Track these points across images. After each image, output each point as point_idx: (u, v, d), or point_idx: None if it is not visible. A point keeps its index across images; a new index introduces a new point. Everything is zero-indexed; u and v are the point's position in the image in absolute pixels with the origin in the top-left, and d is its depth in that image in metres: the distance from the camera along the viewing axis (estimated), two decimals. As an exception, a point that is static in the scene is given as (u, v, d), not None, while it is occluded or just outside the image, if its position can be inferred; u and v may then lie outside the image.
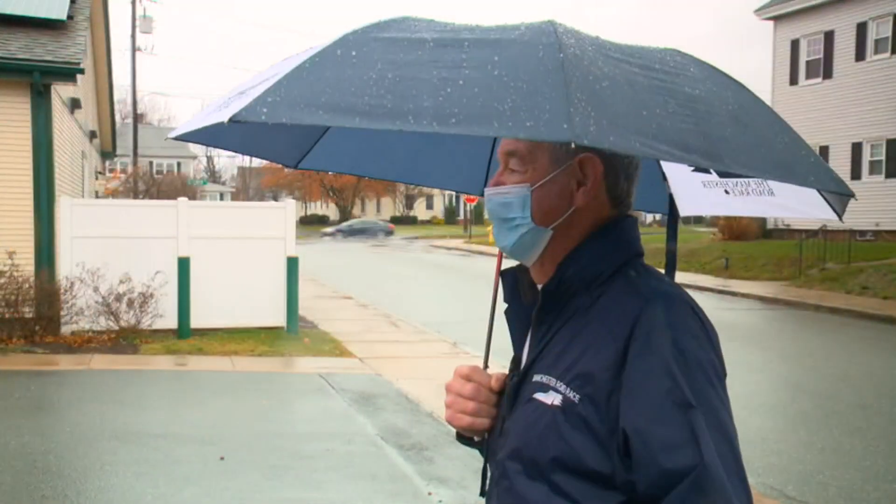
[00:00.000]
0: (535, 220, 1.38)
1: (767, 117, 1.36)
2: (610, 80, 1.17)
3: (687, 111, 1.20)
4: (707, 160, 1.16)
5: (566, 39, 1.20)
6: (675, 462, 1.17)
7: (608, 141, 1.07)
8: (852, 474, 6.23)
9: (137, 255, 11.11)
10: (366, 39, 1.22)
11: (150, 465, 5.96)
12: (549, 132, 1.05)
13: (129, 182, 28.29)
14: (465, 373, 1.51)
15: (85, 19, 12.84)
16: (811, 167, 1.29)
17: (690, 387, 1.20)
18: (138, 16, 34.50)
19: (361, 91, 1.10)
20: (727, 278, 21.23)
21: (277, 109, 1.09)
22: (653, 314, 1.26)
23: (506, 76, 1.12)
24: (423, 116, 1.07)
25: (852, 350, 11.82)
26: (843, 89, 24.84)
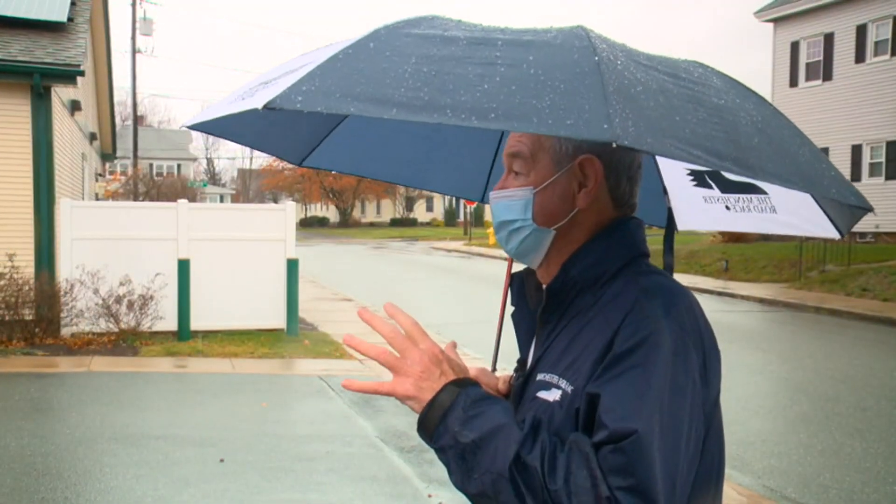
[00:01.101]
0: (538, 222, 1.39)
1: (790, 130, 1.37)
2: (643, 86, 1.17)
3: (716, 119, 1.21)
4: (738, 168, 1.16)
5: (598, 44, 1.21)
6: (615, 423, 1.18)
7: (646, 143, 1.07)
8: (853, 476, 6.22)
9: (137, 256, 11.11)
10: (398, 34, 1.22)
11: (149, 467, 5.95)
12: (589, 131, 1.05)
13: (129, 184, 28.29)
14: (473, 375, 1.52)
15: (85, 21, 12.85)
16: (832, 180, 1.30)
17: (659, 369, 1.22)
18: (138, 18, 34.53)
19: (397, 83, 1.10)
20: (727, 280, 21.23)
21: (313, 98, 1.09)
22: (645, 303, 1.28)
23: (542, 75, 1.12)
24: (462, 110, 1.07)
25: (852, 352, 11.82)
26: (843, 91, 24.87)
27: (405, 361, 1.30)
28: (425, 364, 1.29)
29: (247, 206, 14.94)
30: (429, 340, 1.31)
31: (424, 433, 1.30)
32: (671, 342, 1.24)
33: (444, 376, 1.29)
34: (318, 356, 10.55)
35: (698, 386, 1.26)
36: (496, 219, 1.44)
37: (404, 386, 1.29)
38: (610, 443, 1.17)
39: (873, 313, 15.28)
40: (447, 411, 1.26)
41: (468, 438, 1.24)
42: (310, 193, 66.17)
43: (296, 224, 13.49)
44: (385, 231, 58.83)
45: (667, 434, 1.19)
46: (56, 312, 10.68)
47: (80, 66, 11.11)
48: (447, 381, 1.29)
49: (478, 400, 1.27)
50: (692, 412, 1.24)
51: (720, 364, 1.35)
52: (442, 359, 1.31)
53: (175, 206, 11.81)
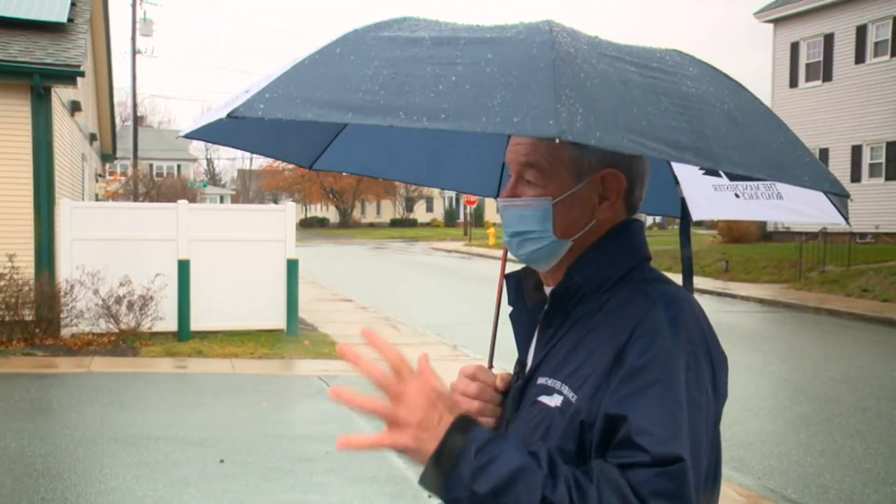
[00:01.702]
0: (557, 234, 1.37)
1: (764, 117, 1.36)
2: (601, 78, 1.17)
3: (680, 109, 1.20)
4: (698, 158, 1.16)
5: (561, 38, 1.20)
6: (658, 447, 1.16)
7: (595, 137, 1.06)
8: (853, 477, 6.22)
9: (137, 257, 11.11)
10: (365, 38, 1.24)
11: (149, 468, 5.95)
12: (535, 128, 1.05)
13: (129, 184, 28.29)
14: (470, 372, 1.51)
15: (85, 22, 12.85)
16: (806, 167, 1.29)
17: (679, 386, 1.21)
18: (138, 18, 34.52)
19: (356, 87, 1.12)
20: (727, 281, 21.23)
21: (274, 105, 1.11)
22: (655, 316, 1.26)
23: (497, 73, 1.13)
24: (414, 112, 1.08)
25: (852, 352, 11.82)
26: (843, 92, 24.87)
27: (399, 409, 1.19)
28: (422, 410, 1.19)
29: (247, 207, 14.95)
30: (418, 378, 1.20)
31: (430, 485, 1.19)
32: (684, 357, 1.23)
33: (443, 420, 1.19)
34: (318, 357, 10.54)
35: (710, 398, 1.26)
36: (509, 228, 1.41)
37: (404, 439, 1.19)
38: (653, 466, 1.15)
39: (873, 314, 15.28)
40: (456, 461, 1.16)
41: (486, 488, 1.15)
42: (310, 194, 66.17)
43: (296, 224, 13.49)
44: (385, 231, 58.83)
45: (692, 450, 1.19)
46: (56, 313, 10.68)
47: (80, 67, 11.11)
48: (447, 426, 1.19)
49: (486, 443, 1.18)
50: (706, 426, 1.24)
51: (727, 368, 1.34)
52: (436, 399, 1.20)
53: (175, 206, 11.80)
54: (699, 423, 1.22)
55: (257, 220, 12.20)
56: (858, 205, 24.28)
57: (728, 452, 6.78)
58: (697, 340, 1.27)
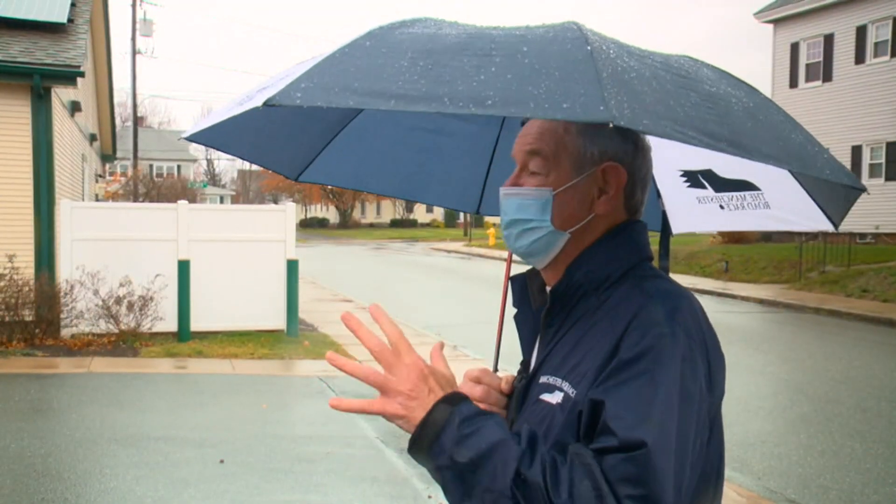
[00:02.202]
0: (555, 225, 1.38)
1: (781, 116, 1.40)
2: (636, 73, 1.19)
3: (709, 104, 1.23)
4: (733, 148, 1.17)
5: (591, 35, 1.23)
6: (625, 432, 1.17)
7: (642, 124, 1.08)
8: (853, 477, 6.22)
9: (137, 257, 11.11)
10: (392, 33, 1.25)
11: (149, 469, 5.95)
12: (585, 113, 1.06)
13: (129, 185, 28.29)
14: (475, 375, 1.52)
15: (85, 22, 12.85)
16: (826, 162, 1.33)
17: (667, 376, 1.21)
18: (138, 19, 34.51)
19: (395, 77, 1.12)
20: (727, 281, 21.23)
21: (312, 93, 1.10)
22: (651, 310, 1.27)
23: (537, 64, 1.14)
24: (459, 99, 1.08)
25: (852, 353, 11.82)
26: (843, 92, 24.87)
27: (392, 379, 1.24)
28: (413, 381, 1.24)
29: (247, 207, 14.94)
30: (414, 354, 1.26)
31: (417, 453, 1.25)
32: (679, 349, 1.23)
33: (433, 393, 1.24)
34: (318, 357, 10.54)
35: (705, 392, 1.26)
36: (507, 215, 1.42)
37: (393, 405, 1.24)
38: (620, 451, 1.16)
39: (873, 314, 15.28)
40: (440, 430, 1.22)
41: (465, 458, 1.20)
42: (310, 194, 66.19)
43: (296, 225, 13.49)
44: (385, 232, 58.83)
45: (676, 442, 1.19)
46: (56, 313, 10.68)
47: (80, 67, 11.11)
48: (437, 398, 1.24)
49: (471, 417, 1.23)
50: (698, 419, 1.24)
51: (724, 367, 1.34)
52: (428, 374, 1.26)
53: (175, 206, 11.80)
54: (689, 413, 1.21)
55: (257, 220, 12.20)
56: (858, 205, 23.80)
57: (728, 453, 6.73)
58: (694, 335, 1.27)
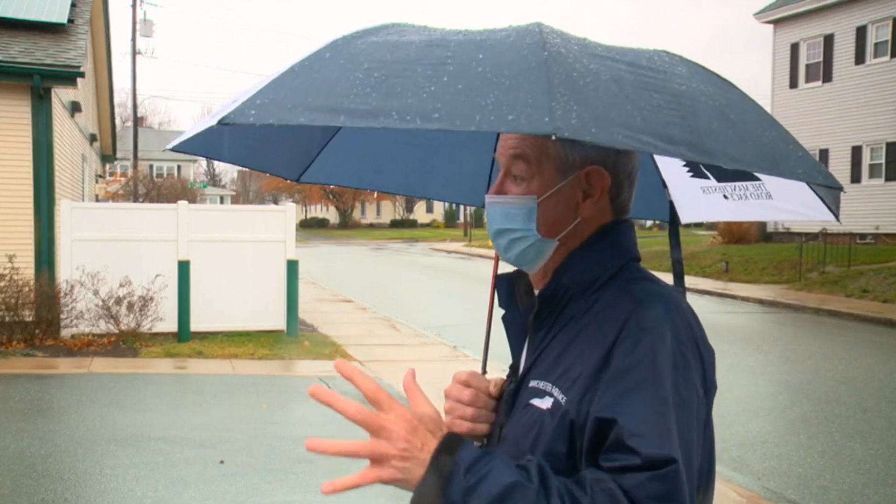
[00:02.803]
0: (541, 232, 1.36)
1: (755, 114, 1.36)
2: (594, 77, 1.17)
3: (673, 106, 1.20)
4: (693, 152, 1.15)
5: (551, 39, 1.21)
6: (649, 450, 1.14)
7: (590, 133, 1.06)
8: (853, 478, 6.22)
9: (137, 258, 11.11)
10: (354, 43, 1.24)
11: (149, 469, 5.95)
12: (530, 125, 1.05)
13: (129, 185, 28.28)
14: (464, 378, 1.50)
15: (85, 23, 12.85)
16: (799, 161, 1.29)
17: (667, 385, 1.20)
18: (139, 19, 34.52)
19: (347, 91, 1.12)
20: (727, 281, 21.23)
21: (265, 111, 1.10)
22: (642, 316, 1.26)
23: (489, 73, 1.13)
24: (407, 113, 1.07)
25: (852, 353, 11.82)
26: (843, 93, 24.88)
27: (379, 443, 1.16)
28: (402, 438, 1.16)
29: (247, 208, 14.95)
30: (396, 406, 1.17)
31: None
32: (671, 357, 1.22)
33: (427, 445, 1.16)
34: (318, 357, 10.54)
35: (701, 396, 1.25)
36: (494, 225, 1.40)
37: (388, 472, 1.16)
38: (645, 469, 1.13)
39: (873, 314, 15.28)
40: (446, 484, 1.14)
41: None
42: (310, 195, 66.19)
43: (296, 225, 13.49)
44: (385, 232, 58.83)
45: (683, 451, 1.18)
46: (56, 314, 10.68)
47: (80, 68, 11.11)
48: (432, 449, 1.16)
49: (474, 463, 1.15)
50: (697, 424, 1.23)
51: (715, 364, 1.34)
52: (416, 424, 1.17)
53: (175, 207, 11.81)
54: (689, 422, 1.21)
55: (257, 220, 12.20)
56: (858, 205, 24.28)
57: (728, 453, 6.78)
58: (685, 338, 1.26)
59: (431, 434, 1.18)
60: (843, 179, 24.89)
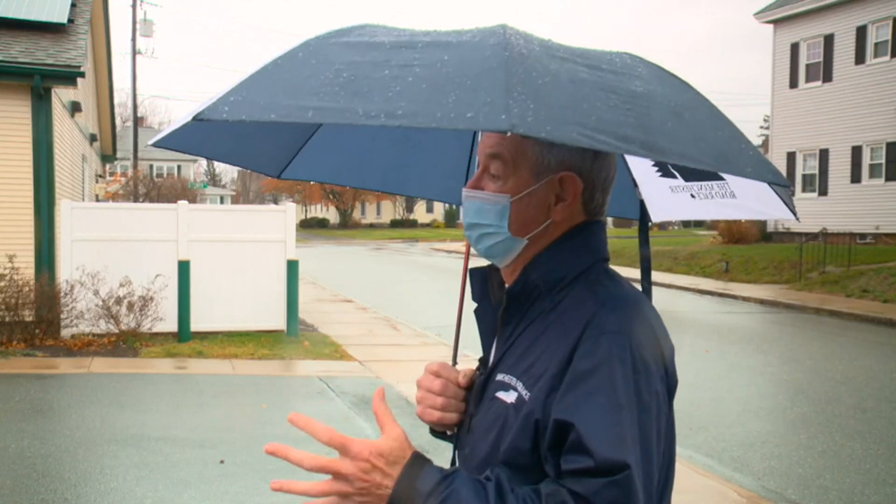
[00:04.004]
0: (512, 231, 1.41)
1: (710, 113, 1.41)
2: (553, 77, 1.21)
3: (628, 106, 1.24)
4: (646, 150, 1.19)
5: (514, 40, 1.25)
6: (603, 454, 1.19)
7: (545, 130, 1.10)
8: (853, 478, 6.22)
9: (138, 258, 11.11)
10: (326, 44, 1.28)
11: (149, 469, 5.95)
12: (487, 122, 1.09)
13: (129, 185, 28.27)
14: (434, 369, 1.56)
15: (85, 23, 12.86)
16: (749, 159, 1.33)
17: (625, 389, 1.24)
18: (139, 19, 34.52)
19: (317, 89, 1.16)
20: (727, 281, 21.23)
21: (238, 108, 1.15)
22: (604, 318, 1.29)
23: (452, 73, 1.17)
24: (373, 111, 1.12)
25: (853, 353, 11.82)
26: (843, 93, 24.87)
27: (340, 484, 1.26)
28: (359, 479, 1.25)
29: (247, 208, 14.97)
30: (353, 448, 1.26)
31: None
32: (631, 360, 1.25)
33: (386, 479, 1.25)
34: (318, 357, 10.54)
35: (662, 397, 1.29)
36: (468, 218, 1.45)
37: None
38: (599, 474, 1.18)
39: (874, 314, 15.28)
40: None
41: None
42: (310, 195, 66.20)
43: (296, 225, 13.50)
44: (385, 232, 58.83)
45: (643, 456, 1.22)
46: (56, 314, 10.68)
47: (80, 68, 11.11)
48: (392, 484, 1.24)
49: (434, 490, 1.23)
50: (658, 426, 1.27)
51: (674, 360, 1.38)
52: (375, 461, 1.25)
53: (175, 207, 11.81)
54: (649, 426, 1.24)
55: (257, 220, 12.20)
56: (858, 205, 24.28)
57: (728, 453, 6.78)
58: (645, 341, 1.29)
59: (391, 466, 1.26)
60: (843, 179, 24.91)
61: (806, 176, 26.40)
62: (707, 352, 11.57)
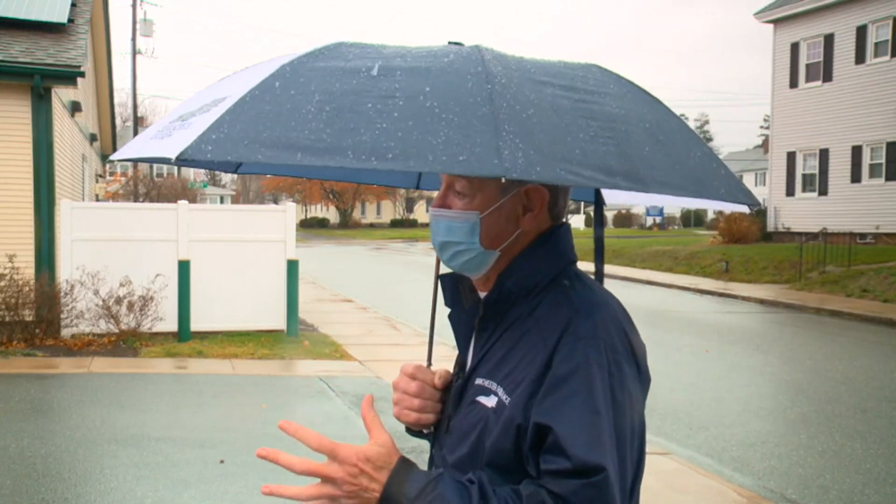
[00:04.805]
0: (484, 245, 1.44)
1: (681, 133, 1.44)
2: (535, 108, 1.23)
3: (608, 133, 1.28)
4: (628, 182, 1.23)
5: (493, 68, 1.26)
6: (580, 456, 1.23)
7: (535, 172, 1.13)
8: (853, 478, 6.22)
9: (138, 257, 11.12)
10: (302, 70, 1.25)
11: (149, 469, 5.95)
12: (480, 167, 1.11)
13: (129, 185, 28.29)
14: (410, 371, 1.59)
15: (85, 22, 12.86)
16: (722, 180, 1.38)
17: (601, 392, 1.28)
18: (139, 19, 34.53)
19: (301, 126, 1.14)
20: (727, 281, 21.23)
21: (222, 146, 1.12)
22: (579, 324, 1.34)
23: (437, 107, 1.17)
24: (362, 152, 1.11)
25: (853, 353, 11.82)
26: (843, 92, 24.86)
27: (328, 488, 1.31)
28: (347, 483, 1.29)
29: (247, 208, 14.97)
30: (341, 451, 1.30)
31: None
32: (606, 363, 1.30)
33: (373, 483, 1.29)
34: (319, 357, 10.54)
35: (635, 397, 1.34)
36: (438, 237, 1.47)
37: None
38: (576, 476, 1.23)
39: (874, 314, 15.28)
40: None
41: None
42: (310, 194, 66.18)
43: (296, 225, 13.50)
44: (385, 232, 58.83)
45: (618, 457, 1.27)
46: (56, 313, 10.68)
47: (80, 68, 11.11)
48: (380, 488, 1.29)
49: (420, 494, 1.27)
50: (632, 426, 1.32)
51: (646, 357, 1.42)
52: (360, 467, 1.30)
53: (175, 207, 11.81)
54: (623, 425, 1.29)
55: (257, 220, 12.20)
56: (859, 205, 24.28)
57: (728, 453, 6.78)
58: (619, 345, 1.33)
59: (378, 471, 1.30)
60: (843, 179, 24.91)
61: (806, 176, 26.40)
62: (707, 352, 11.58)
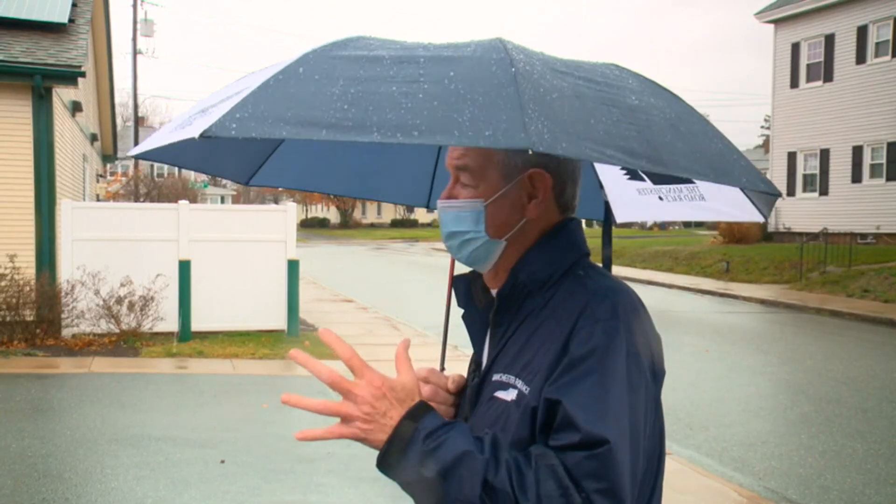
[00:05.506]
0: (490, 234, 1.45)
1: (701, 126, 1.44)
2: (559, 92, 1.24)
3: (630, 120, 1.28)
4: (651, 164, 1.23)
5: (516, 55, 1.27)
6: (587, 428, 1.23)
7: (561, 147, 1.13)
8: (854, 478, 6.22)
9: (138, 257, 11.12)
10: (325, 58, 1.27)
11: (150, 469, 5.96)
12: (507, 140, 1.11)
13: (130, 185, 28.30)
14: (423, 375, 1.58)
15: (86, 22, 12.86)
16: (743, 170, 1.38)
17: (617, 371, 1.28)
18: (139, 19, 34.53)
19: (326, 105, 1.15)
20: (728, 281, 21.23)
21: (246, 124, 1.13)
22: (596, 307, 1.34)
23: (462, 89, 1.18)
24: (388, 128, 1.12)
25: (853, 353, 11.82)
26: (844, 92, 24.86)
27: (346, 405, 1.31)
28: (368, 403, 1.29)
29: (248, 208, 14.98)
30: (368, 373, 1.31)
31: (385, 469, 1.30)
32: (623, 344, 1.30)
33: (391, 411, 1.29)
34: (319, 357, 10.18)
35: (650, 382, 1.34)
36: (445, 228, 1.48)
37: (352, 430, 1.30)
38: (582, 448, 1.23)
39: (874, 314, 15.28)
40: (406, 447, 1.27)
41: (432, 471, 1.25)
42: (311, 195, 66.14)
43: (296, 225, 13.50)
44: (386, 232, 58.84)
45: (630, 434, 1.26)
46: (57, 313, 10.68)
47: (81, 67, 11.12)
48: (397, 416, 1.29)
49: (434, 430, 1.27)
50: (646, 408, 1.32)
51: (662, 351, 1.41)
52: (384, 392, 1.30)
53: (176, 207, 11.81)
54: (638, 404, 1.30)
55: (258, 220, 12.21)
56: (859, 205, 24.26)
57: (729, 453, 6.78)
58: (635, 329, 1.34)
59: (400, 402, 1.30)
60: (843, 179, 24.90)
61: (807, 176, 26.39)
62: (707, 352, 11.57)
